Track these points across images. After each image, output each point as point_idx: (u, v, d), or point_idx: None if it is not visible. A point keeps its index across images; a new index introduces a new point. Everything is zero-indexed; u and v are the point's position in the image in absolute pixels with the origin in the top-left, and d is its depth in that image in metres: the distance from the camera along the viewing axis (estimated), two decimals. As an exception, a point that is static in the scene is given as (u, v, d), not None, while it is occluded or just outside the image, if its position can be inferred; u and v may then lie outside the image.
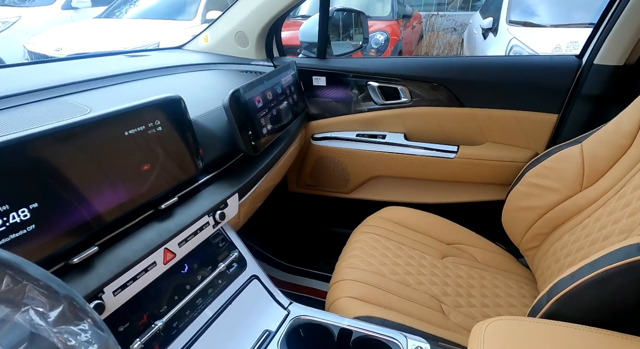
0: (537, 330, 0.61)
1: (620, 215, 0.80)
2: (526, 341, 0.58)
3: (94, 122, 0.56)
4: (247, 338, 0.72)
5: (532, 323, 0.63)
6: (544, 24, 3.62)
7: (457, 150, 1.26)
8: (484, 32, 4.33)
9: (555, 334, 0.59)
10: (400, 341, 0.73)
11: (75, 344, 0.29)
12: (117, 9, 5.37)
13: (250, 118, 0.89)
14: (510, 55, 3.44)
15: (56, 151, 0.52)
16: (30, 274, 0.29)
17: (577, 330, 0.60)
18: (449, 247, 1.16)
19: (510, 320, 0.63)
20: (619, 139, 0.88)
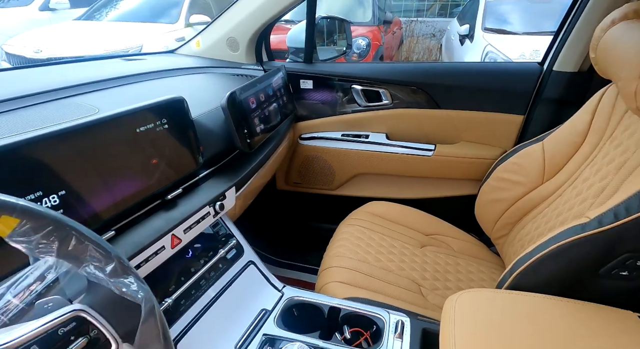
0: (502, 299, 0.71)
1: (573, 203, 0.91)
2: (492, 307, 0.68)
3: (112, 120, 0.63)
4: (246, 315, 0.80)
5: (497, 293, 0.73)
6: (516, 32, 3.82)
7: (434, 148, 1.36)
8: (461, 39, 4.51)
9: (516, 301, 0.70)
10: (384, 316, 0.82)
11: (127, 291, 0.37)
12: (97, 12, 5.31)
13: (245, 117, 0.97)
14: (485, 61, 3.61)
15: (80, 144, 0.59)
16: (91, 238, 0.37)
17: (535, 297, 0.70)
18: (427, 237, 1.25)
19: (478, 292, 0.73)
20: (573, 137, 1.00)
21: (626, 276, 0.68)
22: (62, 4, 6.41)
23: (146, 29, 4.74)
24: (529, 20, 3.84)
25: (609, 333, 0.61)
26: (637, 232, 0.65)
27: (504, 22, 3.98)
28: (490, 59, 3.63)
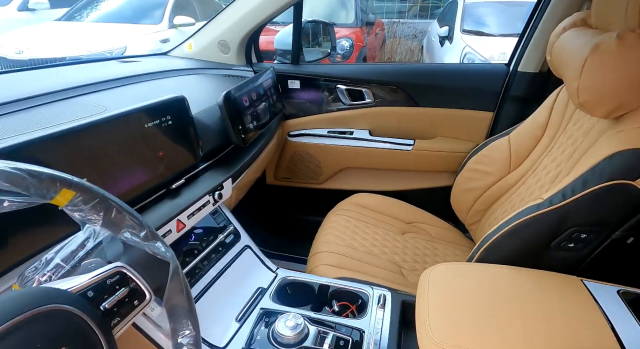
0: (469, 270, 0.81)
1: (533, 188, 1.03)
2: (461, 277, 0.78)
3: (126, 115, 0.71)
4: (245, 292, 0.89)
5: (466, 265, 0.84)
6: (493, 34, 3.99)
7: (413, 143, 1.47)
8: (441, 40, 4.68)
9: (482, 272, 0.80)
10: (368, 291, 0.92)
11: (157, 252, 0.45)
12: (78, 12, 5.25)
13: (240, 114, 1.05)
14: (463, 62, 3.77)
15: (99, 137, 0.66)
16: (127, 209, 0.45)
17: (498, 268, 0.81)
18: (408, 225, 1.36)
19: (449, 265, 0.83)
20: (534, 131, 1.12)
21: (572, 247, 0.80)
22: (41, 4, 6.30)
23: (129, 30, 4.73)
24: (504, 22, 4.02)
25: (558, 293, 0.72)
26: (580, 209, 0.76)
27: (481, 24, 4.16)
28: (468, 60, 3.79)
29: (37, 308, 0.34)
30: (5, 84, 0.98)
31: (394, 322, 0.84)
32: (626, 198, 0.73)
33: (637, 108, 0.75)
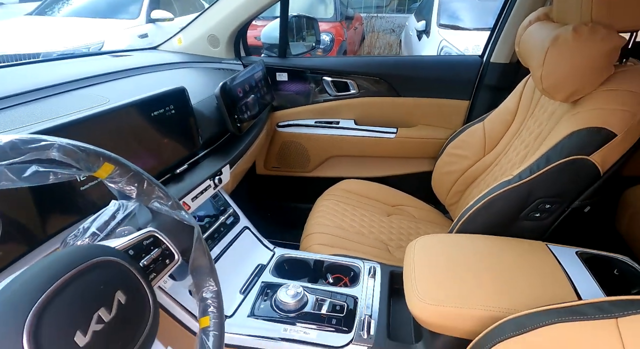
0: (450, 239, 0.91)
1: (506, 168, 1.14)
2: (442, 245, 0.88)
3: (137, 104, 0.77)
4: (246, 268, 0.96)
5: (447, 236, 0.93)
6: (467, 28, 4.13)
7: (396, 131, 1.56)
8: (419, 34, 4.80)
9: (461, 241, 0.90)
10: (359, 265, 1.01)
11: (183, 218, 0.52)
12: (49, 7, 5.10)
13: (235, 104, 1.11)
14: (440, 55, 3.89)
15: (112, 124, 0.72)
16: (156, 182, 0.51)
17: (474, 237, 0.91)
18: (392, 208, 1.46)
19: (432, 236, 0.92)
20: (506, 116, 1.23)
21: (538, 217, 0.91)
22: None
23: (105, 25, 4.64)
24: (478, 16, 4.17)
25: (526, 255, 0.82)
26: (545, 183, 0.87)
27: (456, 18, 4.29)
28: (445, 53, 3.92)
29: (94, 258, 0.41)
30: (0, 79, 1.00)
31: (383, 289, 0.93)
32: (583, 171, 0.84)
33: (591, 92, 0.85)
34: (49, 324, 0.34)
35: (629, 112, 0.79)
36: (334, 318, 0.83)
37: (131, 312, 0.42)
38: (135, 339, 0.41)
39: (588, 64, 0.82)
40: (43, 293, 0.35)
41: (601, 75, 0.83)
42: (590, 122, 0.82)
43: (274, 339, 0.79)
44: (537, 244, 0.86)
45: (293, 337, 0.79)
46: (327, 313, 0.84)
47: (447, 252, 0.85)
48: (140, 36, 4.78)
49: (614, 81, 0.83)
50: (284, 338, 0.79)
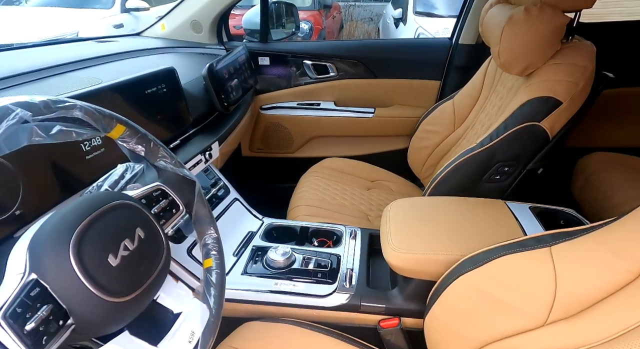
0: (422, 200, 1.02)
1: (472, 140, 1.25)
2: (415, 205, 0.98)
3: (133, 82, 0.83)
4: (238, 235, 1.04)
5: (419, 198, 1.04)
6: (442, 15, 4.25)
7: (374, 111, 1.66)
8: (395, 22, 4.89)
9: (431, 201, 1.01)
10: (342, 229, 1.10)
11: (186, 175, 0.60)
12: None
13: (222, 85, 1.18)
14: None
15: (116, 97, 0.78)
16: (160, 144, 0.59)
17: (443, 198, 1.02)
18: (372, 183, 1.56)
19: (406, 199, 1.03)
20: (473, 92, 1.34)
21: (498, 179, 1.02)
22: (-30, -12, 5.86)
23: (78, 14, 4.54)
24: (452, 4, 4.28)
25: (487, 210, 0.94)
26: (503, 147, 0.98)
27: (431, 6, 4.40)
28: (421, 40, 4.03)
29: (117, 201, 0.48)
30: None
31: (363, 249, 1.03)
32: (535, 136, 0.95)
33: (541, 66, 0.96)
34: (87, 246, 0.42)
35: (572, 82, 0.91)
36: (319, 272, 0.92)
37: (149, 246, 0.50)
38: (154, 267, 0.49)
39: (537, 41, 0.93)
40: (80, 222, 0.43)
41: (549, 51, 0.94)
42: (540, 92, 0.93)
43: (265, 292, 0.88)
44: (497, 202, 0.97)
45: (283, 289, 0.88)
46: (313, 268, 0.93)
47: (417, 211, 0.95)
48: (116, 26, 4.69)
49: (560, 56, 0.95)
50: (275, 291, 0.88)
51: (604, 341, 0.52)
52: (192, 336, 0.51)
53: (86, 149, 0.73)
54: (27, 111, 0.41)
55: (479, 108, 1.30)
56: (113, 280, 0.43)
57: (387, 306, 0.86)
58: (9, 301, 0.35)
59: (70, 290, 0.39)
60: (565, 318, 0.58)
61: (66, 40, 1.37)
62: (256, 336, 0.80)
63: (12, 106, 0.40)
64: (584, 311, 0.57)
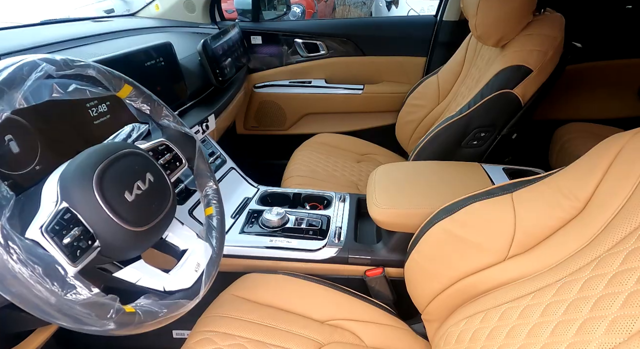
0: (404, 164, 1.09)
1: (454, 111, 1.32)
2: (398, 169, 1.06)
3: (133, 53, 0.89)
4: (235, 200, 1.12)
5: (402, 163, 1.12)
6: (433, -4, 4.26)
7: (363, 88, 1.73)
8: (387, 4, 4.90)
9: (413, 165, 1.08)
10: (332, 194, 1.18)
11: (187, 132, 0.67)
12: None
13: (217, 60, 1.24)
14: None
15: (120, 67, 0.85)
16: (163, 104, 0.66)
17: (426, 162, 1.10)
18: (362, 156, 1.63)
19: (390, 164, 1.10)
20: (455, 67, 1.41)
21: (475, 144, 1.10)
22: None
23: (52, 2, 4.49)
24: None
25: (463, 171, 1.02)
26: (480, 114, 1.06)
27: (423, -13, 4.41)
28: (412, 22, 4.06)
29: (130, 149, 0.56)
30: None
31: (352, 211, 1.11)
32: (508, 102, 1.03)
33: (515, 37, 1.03)
34: (107, 182, 0.49)
35: (542, 51, 0.98)
36: (311, 230, 1.00)
37: (158, 189, 0.57)
38: (163, 206, 0.57)
39: (511, 13, 1.00)
40: (101, 163, 0.50)
41: (522, 22, 1.01)
42: (512, 61, 1.00)
43: (261, 248, 0.96)
44: (473, 164, 1.06)
45: (277, 245, 0.96)
46: (306, 227, 1.01)
47: (400, 174, 1.03)
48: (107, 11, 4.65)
49: (532, 27, 1.02)
50: (270, 246, 0.96)
51: (551, 266, 0.61)
52: (197, 267, 0.59)
53: (94, 114, 0.79)
54: (52, 66, 0.48)
55: (461, 81, 1.38)
56: (130, 212, 0.50)
57: (372, 257, 0.94)
58: (48, 220, 0.43)
59: (95, 217, 0.47)
60: (522, 253, 0.67)
61: (63, 20, 1.41)
62: (255, 285, 0.89)
63: (39, 61, 0.47)
64: (537, 245, 0.65)
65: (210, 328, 0.78)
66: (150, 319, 0.47)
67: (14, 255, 0.36)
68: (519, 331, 0.56)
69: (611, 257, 0.51)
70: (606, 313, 0.46)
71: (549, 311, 0.54)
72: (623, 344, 0.43)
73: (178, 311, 0.52)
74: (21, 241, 0.38)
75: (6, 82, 0.42)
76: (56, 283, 0.38)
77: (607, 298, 0.47)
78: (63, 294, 0.39)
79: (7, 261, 0.36)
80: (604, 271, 0.50)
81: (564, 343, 0.49)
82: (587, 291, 0.51)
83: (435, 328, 0.79)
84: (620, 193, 0.55)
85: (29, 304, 0.37)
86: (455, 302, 0.74)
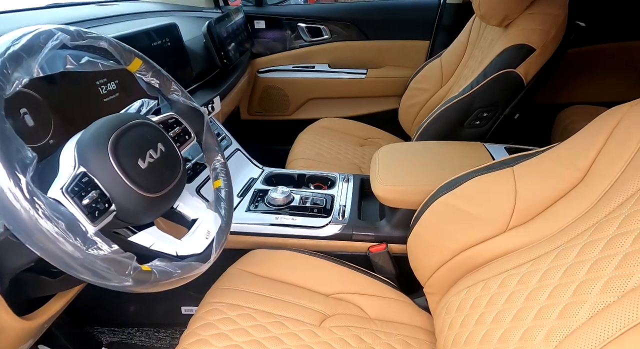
0: (408, 144, 1.11)
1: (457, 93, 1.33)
2: (401, 149, 1.08)
3: (140, 33, 0.91)
4: (241, 180, 1.14)
5: (405, 143, 1.13)
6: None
7: (366, 72, 1.73)
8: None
9: (416, 144, 1.10)
10: (336, 175, 1.20)
11: (195, 106, 0.69)
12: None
13: (222, 42, 1.25)
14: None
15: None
16: (172, 78, 0.68)
17: (429, 142, 1.11)
18: (365, 140, 1.65)
19: (393, 144, 1.12)
20: (458, 49, 1.41)
21: (478, 124, 1.11)
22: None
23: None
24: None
25: (466, 150, 1.03)
26: (482, 94, 1.07)
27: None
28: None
29: (142, 119, 0.57)
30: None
31: (355, 190, 1.13)
32: (511, 82, 1.04)
33: (518, 16, 1.04)
34: (121, 149, 0.51)
35: (544, 30, 0.98)
36: (315, 208, 1.03)
37: (169, 159, 0.59)
38: (174, 176, 0.59)
39: (514, -9, 1.00)
40: (115, 130, 0.52)
41: (525, 1, 1.02)
42: (515, 40, 1.01)
43: (267, 225, 0.98)
44: (475, 143, 1.07)
45: (283, 222, 0.98)
46: (310, 205, 1.04)
47: (403, 153, 1.05)
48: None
49: (535, 6, 1.02)
50: (276, 223, 0.98)
51: (548, 236, 0.62)
52: (208, 234, 0.61)
53: (103, 92, 0.81)
54: (66, 35, 0.49)
55: (464, 64, 1.38)
56: (143, 179, 0.52)
57: (375, 234, 0.97)
58: (67, 182, 0.45)
59: (111, 182, 0.49)
60: (522, 224, 0.69)
61: (68, 3, 1.41)
62: (262, 260, 0.91)
63: (55, 30, 0.48)
64: (537, 216, 0.67)
65: (219, 300, 0.80)
66: (165, 278, 0.49)
67: (39, 210, 0.38)
68: (517, 296, 0.58)
69: (609, 223, 0.52)
70: (602, 274, 0.48)
71: (547, 276, 0.56)
72: (617, 302, 0.45)
73: (192, 272, 0.54)
74: (45, 198, 0.40)
75: (25, 48, 0.44)
76: (79, 238, 0.40)
77: (603, 261, 0.49)
78: (85, 249, 0.41)
79: (34, 217, 0.38)
80: (601, 235, 0.52)
81: (560, 305, 0.51)
82: (584, 256, 0.52)
83: (437, 300, 0.81)
84: (619, 161, 0.56)
85: (55, 258, 0.40)
86: (456, 274, 0.76)
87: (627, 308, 0.43)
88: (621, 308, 0.43)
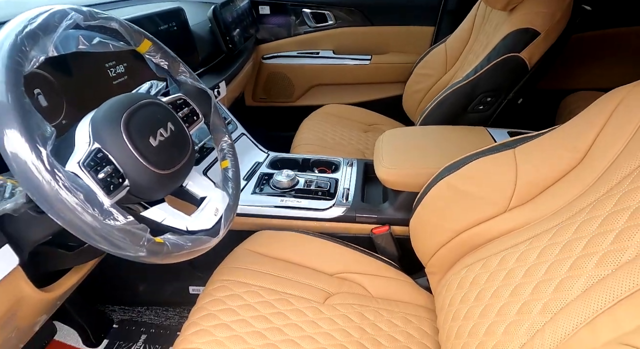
0: (411, 129, 1.12)
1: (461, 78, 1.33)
2: (404, 133, 1.09)
3: (147, 17, 0.92)
4: (247, 165, 1.16)
5: (409, 128, 1.14)
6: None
7: (371, 58, 1.73)
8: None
9: (419, 129, 1.11)
10: (340, 159, 1.22)
11: (202, 87, 0.70)
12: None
13: (227, 27, 1.26)
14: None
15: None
16: (180, 60, 0.69)
17: (432, 126, 1.12)
18: (369, 126, 1.65)
19: (397, 128, 1.13)
20: (463, 35, 1.41)
21: (481, 109, 1.12)
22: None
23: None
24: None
25: (469, 135, 1.04)
26: (486, 79, 1.07)
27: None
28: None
29: (152, 99, 0.59)
30: None
31: (359, 174, 1.14)
32: (514, 66, 1.04)
33: (522, 1, 1.03)
34: (133, 127, 0.53)
35: (549, 13, 0.98)
36: (320, 191, 1.05)
37: (179, 138, 0.61)
38: (184, 154, 0.60)
39: (519, -25, 0.99)
40: (127, 109, 0.54)
41: (530, -16, 1.01)
42: (520, 24, 1.01)
43: (272, 207, 1.01)
44: (478, 128, 1.08)
45: (288, 204, 1.01)
46: (315, 188, 1.05)
47: (406, 137, 1.06)
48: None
49: (541, -11, 1.02)
50: (281, 206, 1.00)
51: (548, 215, 0.64)
52: (216, 212, 0.64)
53: (112, 75, 0.83)
54: (80, 15, 0.51)
55: (469, 49, 1.38)
56: (154, 156, 0.54)
57: (378, 216, 0.99)
58: (84, 157, 0.47)
59: (124, 158, 0.51)
60: (522, 204, 0.70)
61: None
62: (268, 241, 0.94)
63: (68, 10, 0.50)
64: (537, 196, 0.69)
65: (226, 277, 0.83)
66: (177, 250, 0.52)
67: (60, 182, 0.40)
68: (516, 272, 0.60)
69: (606, 200, 0.54)
70: (597, 249, 0.50)
71: (545, 252, 0.58)
72: (611, 275, 0.47)
73: (202, 246, 0.56)
74: (64, 171, 0.42)
75: (41, 27, 0.45)
76: (96, 209, 0.43)
77: (599, 237, 0.51)
78: (102, 219, 0.43)
79: (55, 188, 0.40)
80: (599, 213, 0.54)
81: (556, 279, 0.53)
82: (582, 232, 0.54)
83: (438, 279, 0.83)
84: (619, 141, 0.57)
85: (75, 227, 0.42)
86: (457, 253, 0.78)
87: (620, 280, 0.45)
88: (615, 280, 0.45)
